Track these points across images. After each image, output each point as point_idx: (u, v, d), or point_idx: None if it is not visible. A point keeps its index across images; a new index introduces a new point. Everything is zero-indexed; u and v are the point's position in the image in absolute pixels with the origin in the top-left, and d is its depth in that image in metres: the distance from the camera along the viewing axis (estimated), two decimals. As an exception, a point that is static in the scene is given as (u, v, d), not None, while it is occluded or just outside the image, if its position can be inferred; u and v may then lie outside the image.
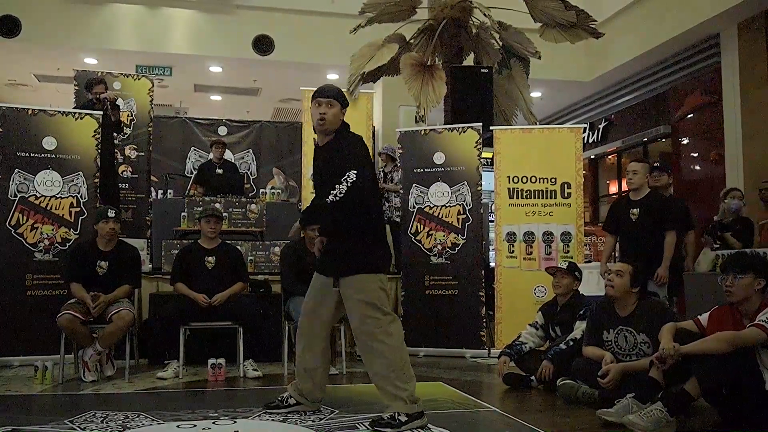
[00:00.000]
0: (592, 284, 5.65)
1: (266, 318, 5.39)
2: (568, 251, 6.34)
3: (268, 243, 6.54)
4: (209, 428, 3.45)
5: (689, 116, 9.96)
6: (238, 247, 5.86)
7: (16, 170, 5.67)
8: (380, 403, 3.95)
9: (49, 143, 5.78)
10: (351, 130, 3.71)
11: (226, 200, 6.73)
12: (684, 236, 5.77)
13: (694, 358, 3.46)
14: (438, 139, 6.59)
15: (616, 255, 5.67)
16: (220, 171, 8.01)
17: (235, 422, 3.56)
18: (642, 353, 4.01)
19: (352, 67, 7.84)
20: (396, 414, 3.41)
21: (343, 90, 3.75)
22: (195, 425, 3.49)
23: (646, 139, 10.90)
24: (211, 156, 8.40)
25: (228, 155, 9.18)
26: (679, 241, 5.39)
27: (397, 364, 3.49)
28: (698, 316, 3.79)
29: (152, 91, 7.88)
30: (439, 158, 6.52)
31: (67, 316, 4.78)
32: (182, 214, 6.64)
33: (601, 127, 11.99)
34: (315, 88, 3.69)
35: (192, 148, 9.39)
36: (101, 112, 6.18)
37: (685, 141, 10.17)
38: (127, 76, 7.93)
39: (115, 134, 6.94)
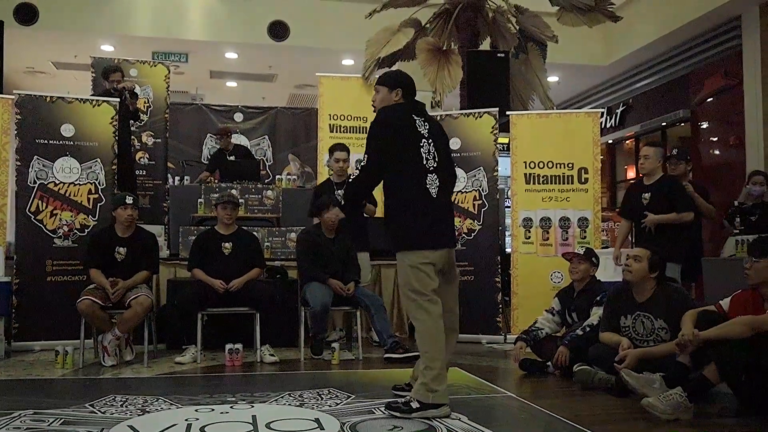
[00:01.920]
0: (609, 270, 5.60)
1: (283, 303, 5.41)
2: (585, 237, 6.31)
3: (284, 229, 6.56)
4: (227, 412, 3.48)
5: (709, 100, 9.82)
6: (255, 233, 5.88)
7: (35, 157, 5.72)
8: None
9: (67, 130, 5.82)
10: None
11: (242, 186, 6.74)
12: (701, 219, 5.70)
13: (713, 343, 3.44)
14: (454, 124, 6.56)
15: (633, 241, 5.63)
16: (231, 158, 8.03)
17: (252, 406, 3.59)
18: (659, 339, 3.99)
19: (368, 52, 7.80)
20: (410, 399, 3.42)
21: (386, 73, 3.90)
22: (213, 409, 3.53)
23: (664, 124, 10.78)
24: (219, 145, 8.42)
25: (243, 140, 9.20)
26: (696, 225, 5.34)
27: (425, 347, 3.46)
28: (720, 301, 3.77)
29: (168, 78, 7.90)
30: (455, 143, 6.48)
31: (86, 301, 4.83)
32: (199, 200, 6.67)
33: (619, 111, 11.87)
34: (331, 74, 3.72)
35: (208, 135, 9.39)
36: (118, 99, 6.21)
37: (705, 125, 10.04)
38: (144, 63, 7.96)
39: (132, 121, 6.98)
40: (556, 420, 3.39)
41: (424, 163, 3.58)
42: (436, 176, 3.59)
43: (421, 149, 3.58)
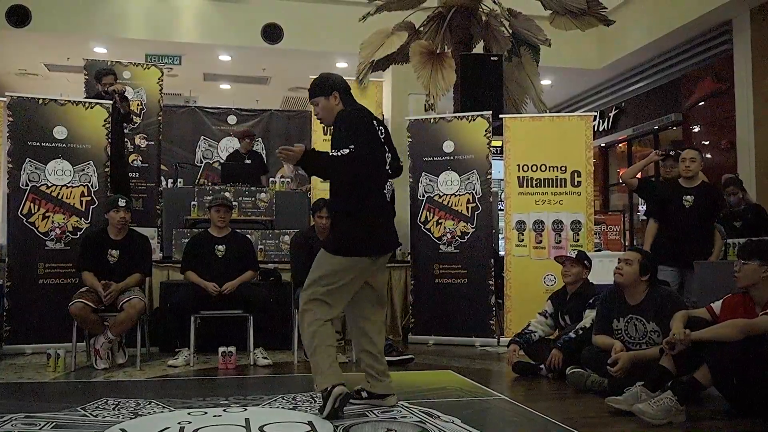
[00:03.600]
0: (602, 273, 5.62)
1: (276, 306, 5.41)
2: (578, 240, 6.32)
3: (277, 232, 6.55)
4: (220, 415, 3.47)
5: (701, 104, 9.88)
6: (248, 236, 5.87)
7: (27, 159, 5.70)
8: (397, 392, 3.97)
9: (59, 132, 5.80)
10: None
11: (236, 189, 6.74)
12: None
13: (705, 345, 3.45)
14: (447, 127, 6.58)
15: (626, 243, 5.64)
16: (248, 161, 8.06)
17: (245, 410, 3.58)
18: (652, 342, 4.00)
19: (362, 55, 7.81)
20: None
21: (349, 78, 3.80)
22: (206, 412, 3.52)
23: (657, 127, 10.83)
24: (237, 147, 8.46)
25: (235, 143, 9.21)
26: None
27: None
28: (711, 304, 3.79)
29: (162, 81, 7.88)
30: (448, 147, 6.50)
31: (78, 304, 4.82)
32: (192, 203, 6.66)
33: (611, 115, 11.92)
34: (324, 77, 3.68)
35: (202, 137, 9.39)
36: (111, 102, 6.19)
37: (697, 129, 10.10)
38: (137, 66, 7.93)
39: (125, 124, 6.97)
40: (549, 423, 3.40)
41: (385, 168, 3.59)
42: (390, 182, 3.62)
43: (385, 154, 3.60)
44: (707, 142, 9.97)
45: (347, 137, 3.38)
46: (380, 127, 3.64)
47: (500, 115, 6.74)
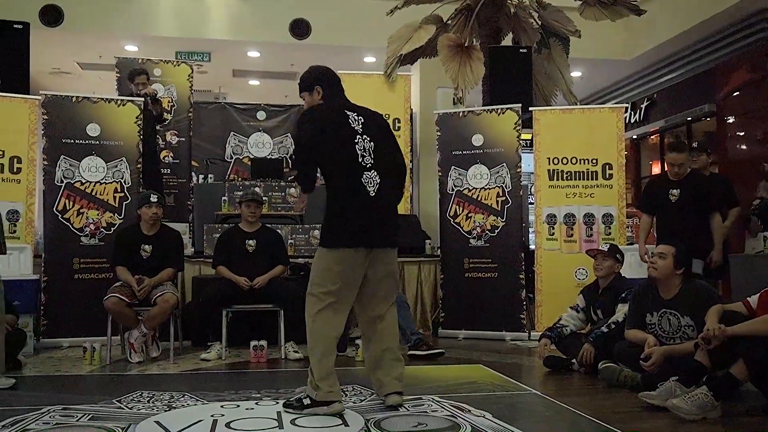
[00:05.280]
0: (634, 267, 5.56)
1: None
2: (610, 233, 6.26)
3: (308, 226, 6.58)
4: (252, 408, 3.51)
5: (735, 94, 9.68)
6: (278, 231, 5.91)
7: (62, 157, 5.80)
8: (418, 386, 3.98)
9: (93, 130, 5.89)
10: (349, 107, 3.63)
11: (265, 184, 6.78)
12: (727, 214, 5.62)
13: (741, 340, 3.39)
14: (476, 120, 6.54)
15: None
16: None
17: (277, 403, 3.61)
18: (686, 336, 3.94)
19: (389, 49, 7.80)
20: (304, 396, 3.43)
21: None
22: (238, 405, 3.56)
23: (689, 119, 10.64)
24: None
25: (266, 138, 9.26)
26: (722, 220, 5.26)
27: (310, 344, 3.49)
28: (748, 298, 3.72)
29: (192, 77, 7.97)
30: (477, 140, 6.46)
31: (113, 298, 4.89)
32: (223, 198, 6.72)
33: (643, 106, 11.74)
34: (352, 72, 3.68)
35: (231, 133, 9.44)
36: (143, 99, 6.28)
37: (731, 120, 9.90)
38: (167, 63, 8.04)
39: (158, 124, 7.07)
40: (582, 417, 3.37)
41: (360, 160, 3.43)
42: (376, 173, 3.44)
43: (356, 146, 3.44)
44: (742, 133, 9.77)
45: (297, 153, 3.76)
46: (359, 118, 3.52)
47: (530, 108, 6.69)
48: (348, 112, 3.53)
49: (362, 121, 3.53)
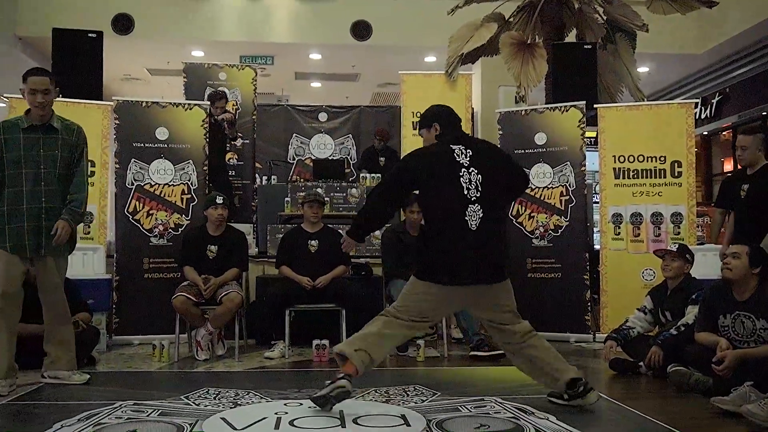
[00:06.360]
0: (705, 267, 5.36)
1: (368, 300, 5.46)
2: (679, 233, 6.06)
3: (369, 227, 6.60)
4: (315, 407, 3.54)
5: (814, 87, 9.26)
6: (340, 231, 5.94)
7: (133, 160, 5.99)
8: (480, 387, 3.94)
9: (161, 133, 6.06)
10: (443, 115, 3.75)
11: (327, 185, 6.85)
12: None
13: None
14: (539, 119, 6.44)
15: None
16: (382, 159, 8.33)
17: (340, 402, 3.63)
18: (761, 340, 3.79)
19: (451, 48, 7.75)
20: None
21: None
22: (301, 404, 3.60)
23: (765, 113, 10.23)
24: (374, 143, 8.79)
25: (328, 140, 9.37)
26: None
27: None
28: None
29: (255, 80, 8.10)
30: (540, 138, 6.36)
31: (180, 297, 5.02)
32: (285, 199, 6.81)
33: (714, 101, 11.34)
34: (413, 72, 3.70)
35: (294, 135, 9.57)
36: (209, 103, 6.44)
37: (809, 114, 9.48)
38: (232, 67, 8.20)
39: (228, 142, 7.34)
40: (651, 422, 3.29)
41: (465, 193, 3.40)
42: (479, 206, 3.41)
43: (461, 179, 3.42)
44: (821, 128, 9.33)
45: (389, 176, 3.66)
46: (467, 151, 3.51)
47: (594, 105, 6.55)
48: (453, 146, 3.53)
49: (470, 153, 3.51)
